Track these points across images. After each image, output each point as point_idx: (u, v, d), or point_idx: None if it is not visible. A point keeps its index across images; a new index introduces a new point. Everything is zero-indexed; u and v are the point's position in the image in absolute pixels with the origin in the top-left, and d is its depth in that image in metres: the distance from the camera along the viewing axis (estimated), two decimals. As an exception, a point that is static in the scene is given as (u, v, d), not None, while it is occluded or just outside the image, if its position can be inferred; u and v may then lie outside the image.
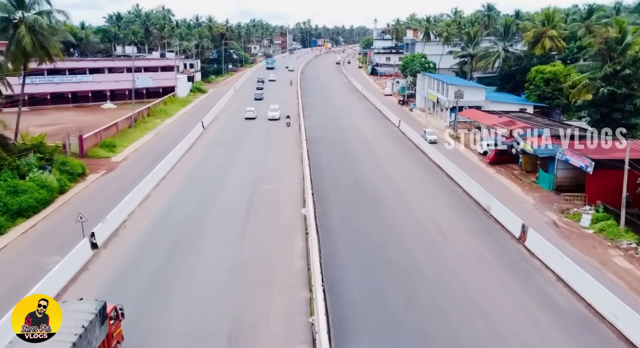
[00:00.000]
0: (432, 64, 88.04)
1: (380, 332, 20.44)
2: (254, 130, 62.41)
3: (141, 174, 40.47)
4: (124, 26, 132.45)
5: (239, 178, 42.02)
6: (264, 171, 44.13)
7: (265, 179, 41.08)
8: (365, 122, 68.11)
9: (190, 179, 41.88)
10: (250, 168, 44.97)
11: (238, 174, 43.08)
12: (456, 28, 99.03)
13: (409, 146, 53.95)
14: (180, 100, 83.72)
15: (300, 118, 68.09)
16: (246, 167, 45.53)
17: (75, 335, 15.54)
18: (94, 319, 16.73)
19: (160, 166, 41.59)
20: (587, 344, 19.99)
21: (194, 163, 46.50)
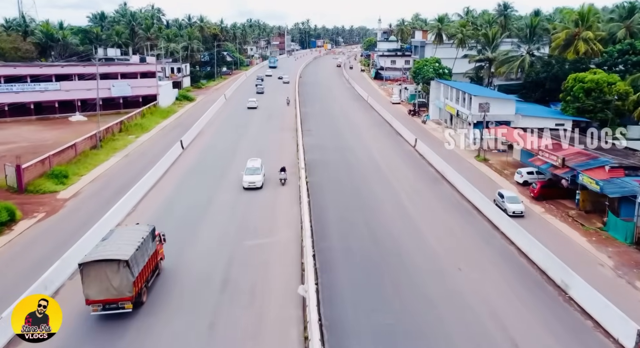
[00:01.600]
0: (447, 69, 78.25)
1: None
2: (243, 150, 52.52)
3: (91, 219, 30.68)
4: (107, 26, 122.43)
5: (217, 227, 32.06)
6: (250, 215, 34.23)
7: (251, 231, 31.11)
8: (374, 139, 58.19)
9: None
10: (234, 211, 35.05)
11: (216, 221, 33.12)
12: (472, 29, 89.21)
13: (432, 176, 43.93)
14: (162, 111, 73.78)
15: (298, 134, 58.23)
16: (229, 207, 35.63)
17: (140, 240, 23.04)
18: (148, 236, 24.03)
19: (111, 212, 31.54)
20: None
21: (160, 203, 36.39)
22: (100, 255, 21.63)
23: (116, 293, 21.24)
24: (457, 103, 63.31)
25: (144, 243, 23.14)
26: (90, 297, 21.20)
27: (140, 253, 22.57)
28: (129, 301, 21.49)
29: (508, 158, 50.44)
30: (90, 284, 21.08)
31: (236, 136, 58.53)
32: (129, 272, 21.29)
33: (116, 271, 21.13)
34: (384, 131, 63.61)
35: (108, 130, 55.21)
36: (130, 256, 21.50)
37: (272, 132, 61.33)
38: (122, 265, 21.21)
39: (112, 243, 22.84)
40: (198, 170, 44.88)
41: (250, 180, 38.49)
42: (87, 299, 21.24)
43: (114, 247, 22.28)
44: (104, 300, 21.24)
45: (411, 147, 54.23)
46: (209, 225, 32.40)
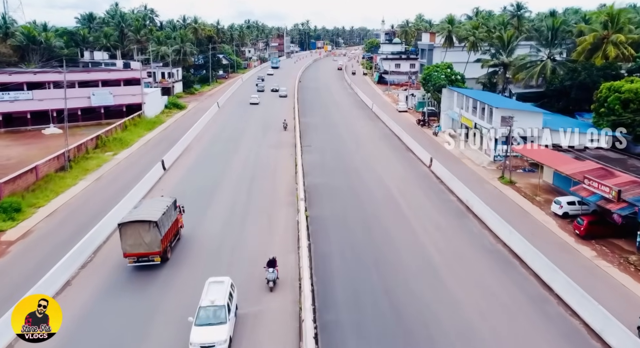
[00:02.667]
0: (460, 76, 71.58)
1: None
2: (233, 173, 45.88)
3: (37, 272, 24.19)
4: (96, 28, 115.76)
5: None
6: (239, 265, 27.59)
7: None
8: (384, 157, 51.43)
9: (113, 289, 25.25)
10: (219, 262, 28.41)
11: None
12: (484, 31, 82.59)
13: (455, 207, 37.02)
14: (147, 121, 67.11)
15: (296, 150, 51.58)
16: (214, 260, 28.98)
17: (165, 208, 27.75)
18: (171, 205, 28.81)
19: (61, 263, 24.88)
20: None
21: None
22: (135, 217, 26.90)
23: (147, 248, 26.41)
24: (474, 115, 56.67)
25: (168, 210, 28.30)
26: (127, 251, 26.39)
27: (166, 217, 27.77)
28: (157, 255, 26.68)
29: (538, 180, 43.86)
30: (127, 240, 26.22)
31: (226, 154, 51.84)
32: (158, 231, 26.43)
33: (147, 230, 26.18)
34: (392, 146, 56.88)
35: (80, 147, 48.50)
36: (159, 219, 26.59)
37: (267, 148, 54.64)
38: (152, 225, 26.22)
39: (143, 209, 28.19)
40: (182, 192, 38.02)
41: (203, 342, 19.75)
42: (124, 253, 26.47)
43: (145, 211, 27.50)
44: (138, 253, 26.43)
45: (426, 167, 47.48)
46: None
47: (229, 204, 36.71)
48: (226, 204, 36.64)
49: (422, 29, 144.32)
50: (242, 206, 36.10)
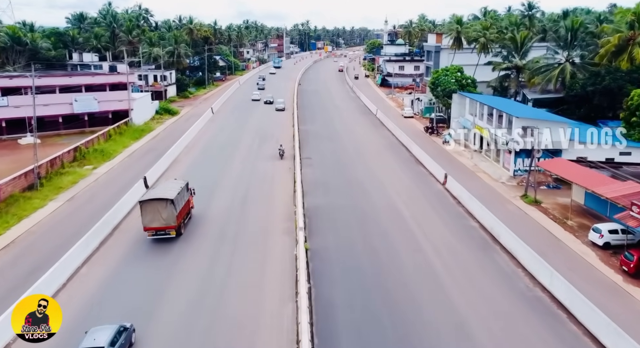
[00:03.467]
0: (471, 80, 66.64)
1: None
2: (223, 192, 40.99)
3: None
4: (87, 28, 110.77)
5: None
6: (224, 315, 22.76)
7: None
8: (392, 172, 46.38)
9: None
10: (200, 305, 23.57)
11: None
12: (495, 32, 77.66)
13: (479, 237, 31.95)
14: (135, 129, 62.19)
15: (295, 163, 46.66)
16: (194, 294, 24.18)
17: (179, 188, 31.32)
18: (184, 187, 32.35)
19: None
20: None
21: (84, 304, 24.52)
22: (154, 195, 30.53)
23: (164, 223, 29.78)
24: (489, 123, 51.75)
25: (182, 191, 31.57)
26: (147, 225, 29.87)
27: (180, 196, 31.00)
28: (173, 229, 30.05)
29: (566, 199, 38.98)
30: (147, 216, 29.65)
31: (217, 168, 46.89)
32: (174, 208, 29.72)
33: (164, 207, 29.48)
34: (401, 158, 51.87)
35: (54, 162, 43.54)
36: (174, 197, 29.98)
37: (263, 161, 49.71)
38: (169, 202, 29.60)
39: (160, 189, 31.90)
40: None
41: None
42: (144, 227, 29.96)
43: (162, 191, 31.02)
44: (156, 227, 29.86)
45: (440, 185, 42.49)
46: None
47: (216, 235, 31.73)
48: (213, 236, 31.61)
49: (426, 30, 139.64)
50: (230, 240, 31.05)
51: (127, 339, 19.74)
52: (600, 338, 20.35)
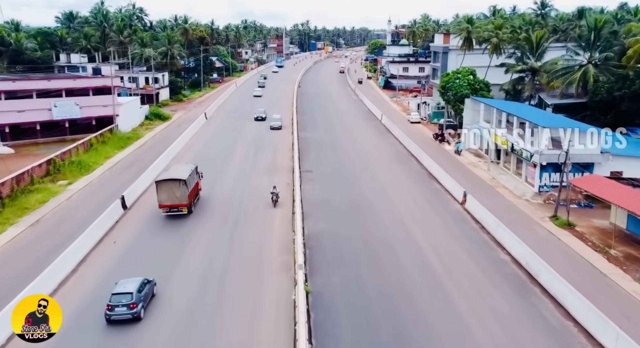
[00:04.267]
0: (485, 83, 61.66)
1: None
2: (213, 212, 36.07)
3: None
4: (77, 28, 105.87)
5: None
6: None
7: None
8: (403, 189, 41.27)
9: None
10: None
11: None
12: (509, 32, 72.71)
13: (512, 273, 26.94)
14: (120, 137, 57.26)
15: (294, 178, 41.70)
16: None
17: (190, 170, 35.18)
18: (194, 169, 36.27)
19: None
20: None
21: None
22: (168, 176, 34.45)
23: (177, 201, 33.53)
24: (509, 132, 46.73)
25: (192, 173, 35.77)
26: (162, 202, 33.63)
27: (191, 178, 35.02)
28: (185, 207, 33.90)
29: (602, 221, 34.14)
30: (162, 194, 33.42)
31: (206, 185, 41.87)
32: (186, 187, 33.46)
33: (178, 187, 33.25)
34: (411, 171, 46.86)
35: (22, 177, 38.53)
36: (187, 178, 33.84)
37: (258, 175, 44.77)
38: (182, 182, 33.31)
39: (173, 170, 36.25)
40: (134, 264, 27.93)
41: None
42: (160, 204, 33.69)
43: (175, 172, 35.23)
44: (170, 205, 33.69)
45: (458, 204, 37.51)
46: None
47: (200, 272, 26.76)
48: (196, 273, 26.65)
49: (430, 30, 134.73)
50: (216, 279, 26.10)
51: (150, 290, 23.57)
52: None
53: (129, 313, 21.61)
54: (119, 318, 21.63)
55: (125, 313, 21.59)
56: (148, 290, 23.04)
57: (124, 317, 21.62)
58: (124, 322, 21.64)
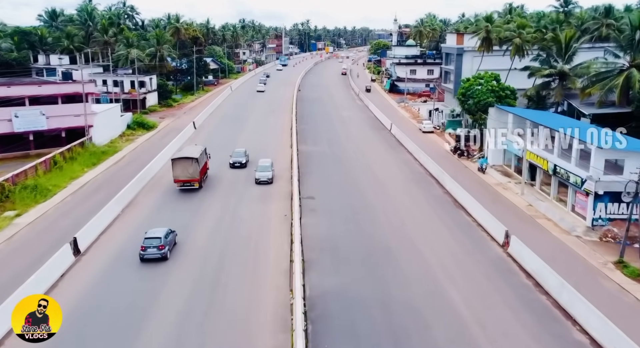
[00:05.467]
0: (511, 90, 54.14)
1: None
2: (190, 258, 28.60)
3: None
4: (60, 27, 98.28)
5: None
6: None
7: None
8: (428, 226, 33.32)
9: None
10: None
11: None
12: (533, 31, 65.31)
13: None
14: (94, 151, 49.84)
15: (293, 209, 34.22)
16: None
17: (201, 150, 40.22)
18: (204, 150, 41.39)
19: None
20: None
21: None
22: (182, 154, 39.60)
23: (190, 176, 38.59)
24: (548, 151, 39.25)
25: (202, 153, 40.71)
26: (176, 177, 38.70)
27: (201, 157, 39.97)
28: (196, 182, 38.95)
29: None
30: (177, 170, 38.51)
31: (187, 215, 34.46)
32: (197, 165, 38.49)
33: (190, 164, 38.29)
34: (433, 197, 39.13)
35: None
36: (198, 157, 38.79)
37: (247, 202, 37.33)
38: (194, 160, 38.31)
39: (186, 150, 41.55)
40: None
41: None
42: (175, 179, 38.82)
43: (188, 151, 40.44)
44: (184, 180, 38.70)
45: (497, 246, 29.98)
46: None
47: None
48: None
49: (438, 29, 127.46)
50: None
51: (173, 238, 28.84)
52: None
53: (158, 253, 26.72)
54: (150, 257, 26.71)
55: (155, 254, 26.69)
56: (172, 238, 28.32)
57: (154, 256, 26.75)
58: (154, 260, 26.77)
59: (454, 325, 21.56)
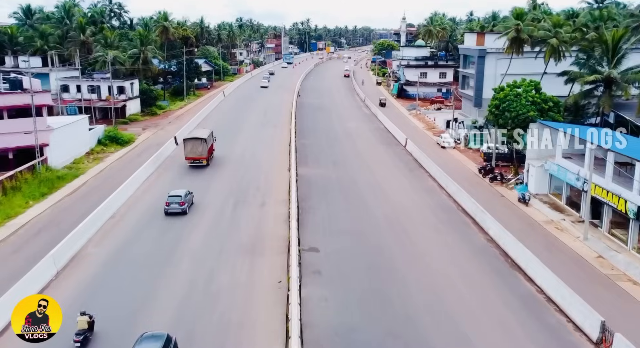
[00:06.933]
0: (555, 101, 44.87)
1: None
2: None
3: None
4: (33, 26, 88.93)
5: None
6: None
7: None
8: (472, 298, 24.04)
9: None
10: None
11: None
12: (571, 31, 56.17)
13: None
14: (46, 177, 40.58)
15: (289, 277, 25.02)
16: None
17: (209, 132, 47.36)
18: (211, 132, 47.83)
19: None
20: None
21: None
22: (193, 135, 46.31)
23: (199, 154, 44.55)
24: (626, 187, 30.04)
25: (210, 135, 46.72)
26: (187, 155, 44.70)
27: (209, 138, 46.05)
28: (205, 159, 44.84)
29: None
30: (188, 149, 44.51)
31: (142, 288, 25.17)
32: (205, 144, 44.44)
33: (200, 143, 44.37)
34: (476, 250, 29.55)
35: None
36: (207, 137, 45.05)
37: (233, 255, 28.13)
38: (203, 140, 44.45)
39: (196, 131, 49.11)
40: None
41: None
42: (186, 157, 44.80)
43: (198, 132, 47.34)
44: (194, 157, 44.67)
45: (585, 338, 20.75)
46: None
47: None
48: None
49: (448, 29, 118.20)
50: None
51: (191, 198, 35.01)
52: None
53: (180, 208, 33.37)
54: (173, 211, 33.29)
55: (177, 209, 33.31)
56: (190, 197, 34.80)
57: (176, 210, 33.32)
58: (175, 214, 33.22)
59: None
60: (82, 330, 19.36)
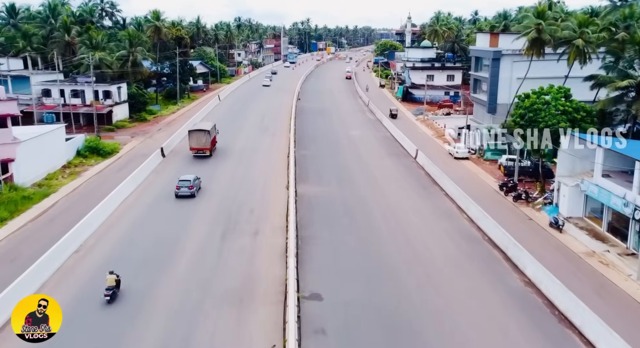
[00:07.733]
0: (587, 110, 39.78)
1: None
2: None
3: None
4: (17, 25, 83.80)
5: None
6: None
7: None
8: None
9: None
10: None
11: None
12: (598, 30, 51.03)
13: None
14: (10, 198, 35.48)
15: (288, 332, 19.97)
16: None
17: (212, 125, 50.74)
18: (214, 126, 50.96)
19: None
20: None
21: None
22: (197, 127, 49.76)
23: (203, 145, 47.81)
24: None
25: (213, 128, 49.94)
26: (192, 146, 48.17)
27: (212, 130, 49.36)
28: (208, 150, 48.12)
29: None
30: (192, 140, 48.09)
31: (114, 327, 20.28)
32: (209, 136, 47.82)
33: (203, 135, 47.70)
34: (511, 296, 24.33)
35: None
36: (209, 129, 48.36)
37: (214, 305, 23.06)
38: (206, 132, 47.82)
39: (200, 123, 52.64)
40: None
41: None
42: (190, 147, 48.30)
43: (202, 125, 50.82)
44: (197, 148, 47.98)
45: None
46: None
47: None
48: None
49: (455, 29, 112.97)
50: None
51: (199, 183, 38.30)
52: None
53: (189, 191, 36.68)
54: (182, 194, 36.68)
55: (186, 192, 36.67)
56: (198, 182, 38.06)
57: (186, 193, 36.71)
58: (185, 197, 36.68)
59: None
60: (111, 287, 22.73)
